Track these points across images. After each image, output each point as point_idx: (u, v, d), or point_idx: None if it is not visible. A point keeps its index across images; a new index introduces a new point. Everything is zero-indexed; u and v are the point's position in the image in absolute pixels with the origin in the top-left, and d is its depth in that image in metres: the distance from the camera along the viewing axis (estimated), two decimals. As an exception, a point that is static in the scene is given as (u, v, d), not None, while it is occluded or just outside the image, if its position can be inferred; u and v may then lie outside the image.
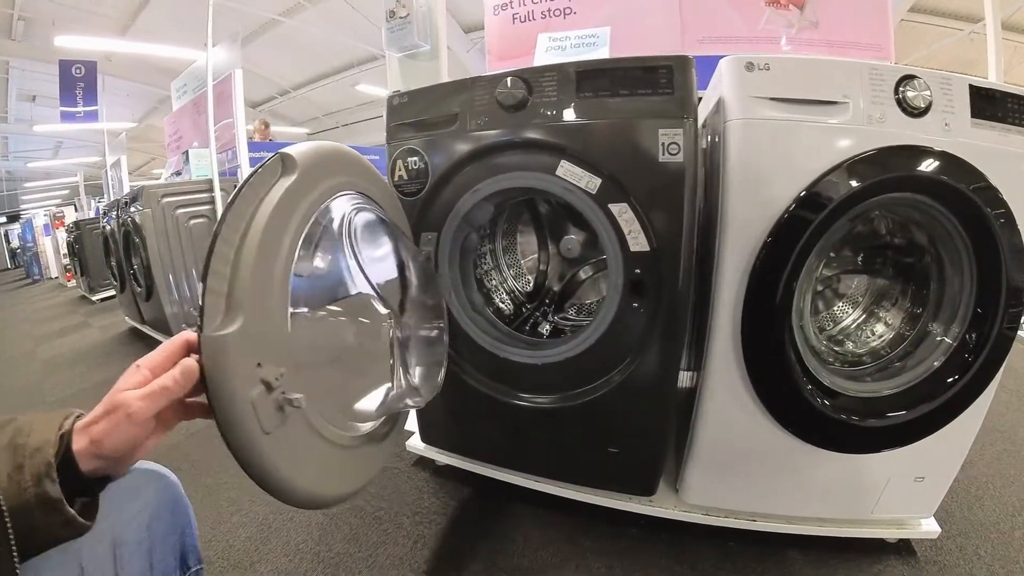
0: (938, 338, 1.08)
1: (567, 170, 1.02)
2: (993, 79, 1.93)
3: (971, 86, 0.96)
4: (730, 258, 1.02)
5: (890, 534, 1.25)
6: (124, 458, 0.49)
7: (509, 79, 1.04)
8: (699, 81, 1.08)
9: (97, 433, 0.46)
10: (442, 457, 1.45)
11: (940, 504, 1.22)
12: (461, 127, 1.08)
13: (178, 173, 2.96)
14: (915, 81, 0.95)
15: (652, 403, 1.14)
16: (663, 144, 0.97)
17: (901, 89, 0.95)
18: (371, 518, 1.37)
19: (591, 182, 1.02)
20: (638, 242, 1.02)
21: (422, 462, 1.53)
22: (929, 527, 1.24)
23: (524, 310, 1.37)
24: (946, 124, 0.96)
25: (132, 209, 2.59)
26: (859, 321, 1.28)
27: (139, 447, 0.49)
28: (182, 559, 0.68)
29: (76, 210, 9.02)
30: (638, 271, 1.03)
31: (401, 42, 1.69)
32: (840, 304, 1.33)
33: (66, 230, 6.24)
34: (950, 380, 1.04)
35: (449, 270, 1.19)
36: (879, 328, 1.24)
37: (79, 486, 0.46)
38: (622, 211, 1.01)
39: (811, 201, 0.95)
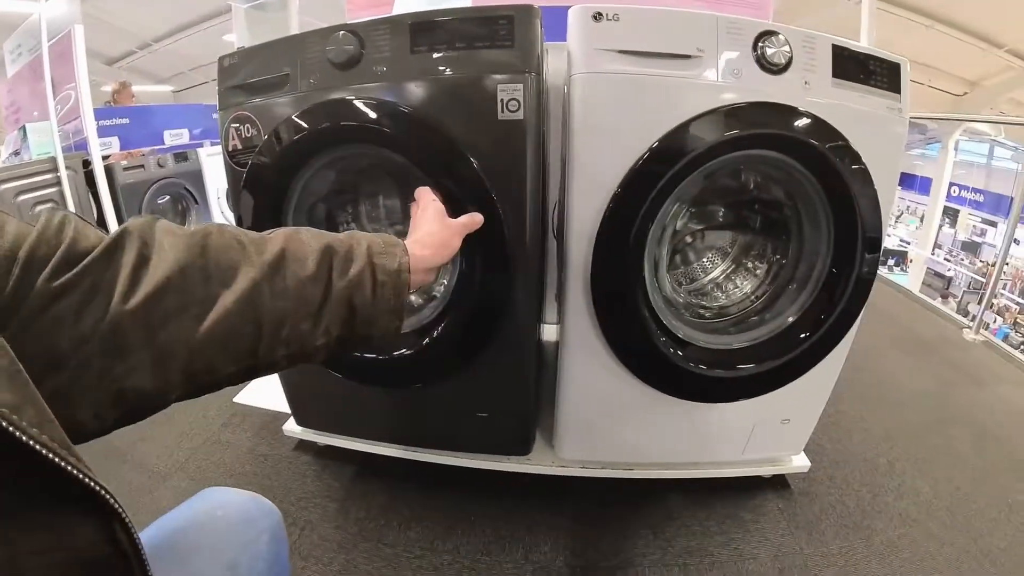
0: (794, 294, 1.17)
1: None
2: (865, 44, 2.08)
3: (834, 46, 0.99)
4: (578, 211, 1.04)
5: (763, 471, 1.40)
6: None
7: (340, 33, 0.99)
8: (560, 33, 1.08)
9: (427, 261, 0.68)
10: (321, 438, 1.45)
11: (811, 440, 1.36)
12: (292, 88, 1.03)
13: (17, 153, 2.75)
14: (775, 37, 0.96)
15: (511, 365, 1.18)
16: (502, 100, 0.96)
17: (760, 45, 0.96)
18: None
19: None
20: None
21: (303, 445, 1.52)
22: (800, 462, 1.38)
23: None
24: (806, 83, 0.98)
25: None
26: (728, 272, 1.36)
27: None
28: None
29: None
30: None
31: None
32: (709, 255, 1.40)
33: None
34: (803, 336, 1.13)
35: None
36: (747, 280, 1.32)
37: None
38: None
39: (659, 156, 0.97)
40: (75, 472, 0.31)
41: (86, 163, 2.77)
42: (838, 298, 1.10)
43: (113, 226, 2.83)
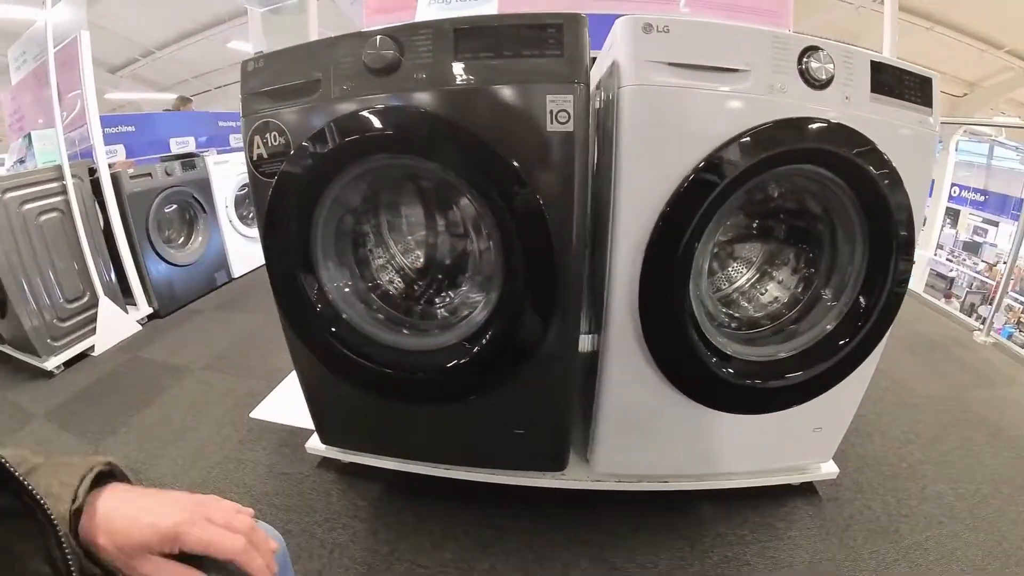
0: (829, 303, 1.11)
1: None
2: (887, 55, 2.00)
3: (872, 61, 0.95)
4: (625, 229, 0.97)
5: (793, 479, 1.33)
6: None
7: (378, 38, 0.89)
8: (593, 42, 1.00)
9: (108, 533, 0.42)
10: (346, 456, 1.34)
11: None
12: (324, 95, 0.92)
13: (22, 161, 2.55)
14: (819, 53, 0.91)
15: (553, 382, 1.09)
16: (551, 112, 0.87)
17: (804, 60, 0.91)
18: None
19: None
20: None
21: (326, 463, 1.41)
22: (829, 469, 1.33)
23: (416, 287, 1.26)
24: (846, 97, 0.93)
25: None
26: (753, 280, 1.29)
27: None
28: None
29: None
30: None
31: None
32: (734, 265, 1.33)
33: None
34: (841, 343, 1.07)
35: (323, 258, 1.05)
36: (772, 288, 1.25)
37: None
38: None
39: (710, 172, 0.91)
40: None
41: (92, 171, 2.58)
42: (873, 305, 1.05)
43: (120, 236, 2.64)
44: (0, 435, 1.90)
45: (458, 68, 0.89)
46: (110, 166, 2.76)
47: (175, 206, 3.00)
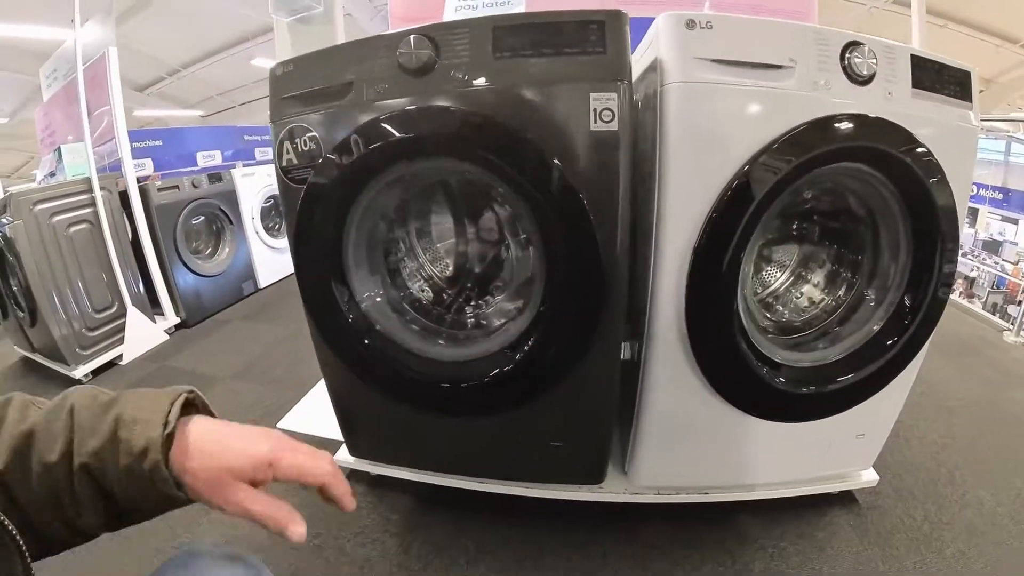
0: (872, 303, 1.04)
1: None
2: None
3: (913, 56, 0.89)
4: (671, 234, 0.90)
5: (833, 488, 1.24)
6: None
7: (412, 38, 0.83)
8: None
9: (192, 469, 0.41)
10: (376, 468, 1.27)
11: (875, 453, 1.21)
12: (357, 97, 0.86)
13: (52, 174, 2.51)
14: (861, 47, 0.86)
15: (595, 391, 1.01)
16: (595, 111, 0.81)
17: (847, 56, 0.85)
18: (310, 547, 1.16)
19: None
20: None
21: (355, 475, 1.32)
22: (869, 476, 1.24)
23: (446, 296, 1.19)
24: (889, 93, 0.87)
25: (3, 221, 2.16)
26: (787, 284, 1.22)
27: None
28: None
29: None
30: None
31: (291, 4, 1.41)
32: (769, 268, 1.26)
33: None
34: (889, 343, 0.99)
35: (356, 268, 0.99)
36: (810, 291, 1.17)
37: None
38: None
39: (760, 171, 0.84)
40: None
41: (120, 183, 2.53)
42: (919, 304, 0.98)
43: (148, 247, 2.59)
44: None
45: (497, 67, 0.83)
46: (138, 180, 2.72)
47: (202, 218, 2.96)
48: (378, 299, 1.04)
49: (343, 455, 1.30)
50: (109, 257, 2.40)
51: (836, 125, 0.85)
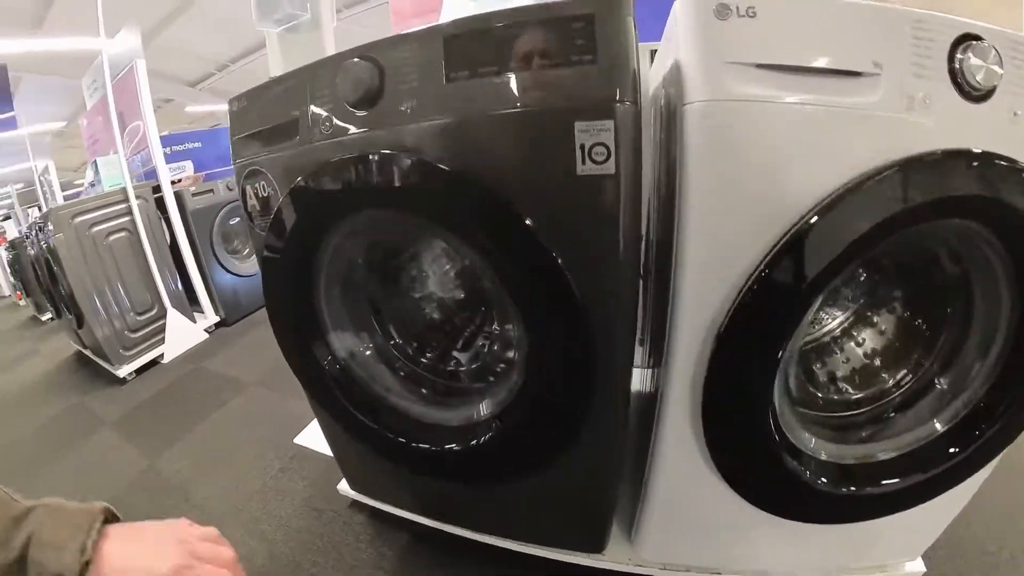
0: (943, 394, 0.77)
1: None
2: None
3: None
4: (690, 309, 0.66)
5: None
6: None
7: (354, 60, 0.67)
8: (649, 31, 0.76)
9: None
10: (373, 502, 1.20)
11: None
12: (303, 138, 0.73)
13: (93, 184, 2.60)
14: (979, 45, 0.56)
15: (589, 475, 0.86)
16: (583, 147, 0.58)
17: (958, 56, 0.57)
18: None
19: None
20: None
21: (357, 505, 1.27)
22: (913, 568, 0.98)
23: (425, 359, 1.04)
24: (1015, 114, 0.58)
25: (47, 232, 2.26)
26: (842, 360, 0.92)
27: None
28: None
29: (17, 224, 7.15)
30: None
31: (273, 13, 1.26)
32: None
33: (4, 248, 5.61)
34: (953, 450, 0.73)
35: (333, 328, 0.89)
36: (867, 366, 0.89)
37: None
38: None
39: (823, 230, 0.58)
40: None
41: (155, 189, 2.58)
42: (1001, 413, 0.71)
43: (185, 250, 2.64)
44: (73, 439, 1.93)
45: (449, 93, 0.64)
46: (178, 182, 2.77)
47: (239, 219, 3.00)
48: (367, 353, 0.95)
49: (345, 486, 1.25)
50: (148, 263, 2.47)
51: (943, 167, 0.57)
